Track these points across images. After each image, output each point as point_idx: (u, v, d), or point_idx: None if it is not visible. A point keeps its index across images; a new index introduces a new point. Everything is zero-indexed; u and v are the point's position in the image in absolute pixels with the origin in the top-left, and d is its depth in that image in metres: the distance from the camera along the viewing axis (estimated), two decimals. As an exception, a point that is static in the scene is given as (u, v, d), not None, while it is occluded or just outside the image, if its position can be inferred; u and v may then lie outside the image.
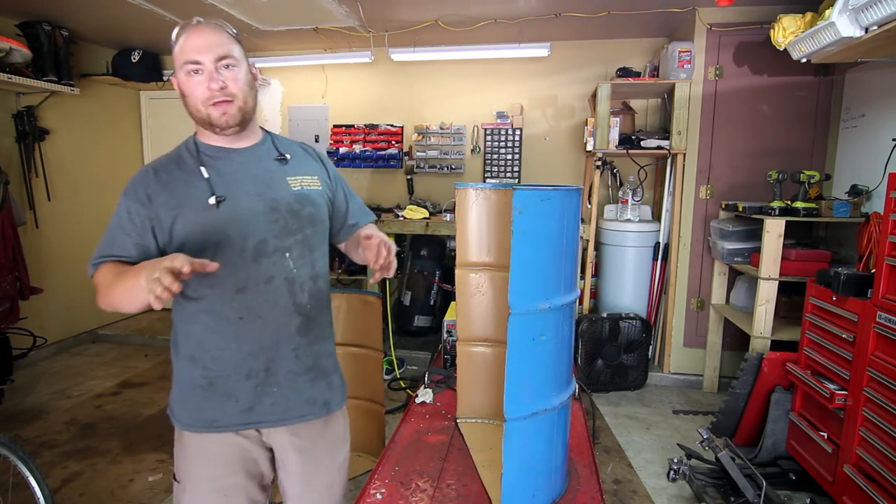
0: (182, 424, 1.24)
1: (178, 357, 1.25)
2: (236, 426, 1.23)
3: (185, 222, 1.16)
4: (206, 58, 1.14)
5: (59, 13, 3.70)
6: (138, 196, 1.17)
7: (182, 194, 1.18)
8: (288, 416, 1.26)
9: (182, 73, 1.16)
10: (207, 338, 1.21)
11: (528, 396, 1.40)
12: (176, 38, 1.17)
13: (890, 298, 1.93)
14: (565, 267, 1.46)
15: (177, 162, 1.22)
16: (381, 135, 4.54)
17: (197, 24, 1.17)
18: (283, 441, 1.29)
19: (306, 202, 1.27)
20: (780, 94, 3.46)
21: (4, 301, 3.38)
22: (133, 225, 1.17)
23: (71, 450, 2.80)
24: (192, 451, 1.24)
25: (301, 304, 1.25)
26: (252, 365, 1.21)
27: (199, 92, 1.15)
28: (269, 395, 1.23)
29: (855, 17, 2.24)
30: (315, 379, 1.29)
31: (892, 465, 1.84)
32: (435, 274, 4.24)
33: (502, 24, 3.79)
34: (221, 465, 1.24)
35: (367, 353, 2.50)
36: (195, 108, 1.18)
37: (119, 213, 1.19)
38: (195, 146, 1.24)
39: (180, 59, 1.15)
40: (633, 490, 2.47)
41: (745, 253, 3.24)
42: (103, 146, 4.68)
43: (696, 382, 3.71)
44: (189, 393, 1.23)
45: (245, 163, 1.24)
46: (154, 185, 1.18)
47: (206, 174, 1.19)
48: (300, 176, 1.29)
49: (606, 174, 4.18)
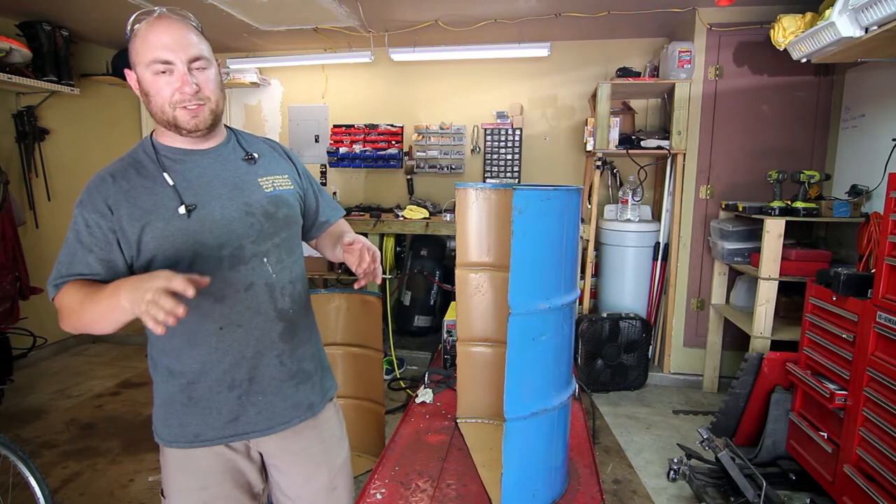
0: (165, 441, 1.19)
1: (157, 372, 1.19)
2: (221, 439, 1.18)
3: (154, 234, 1.08)
4: (177, 57, 1.05)
5: (59, 13, 3.70)
6: (96, 206, 1.08)
7: (146, 204, 1.09)
8: (274, 425, 1.21)
9: (147, 72, 1.06)
10: (186, 350, 1.14)
11: (528, 396, 1.40)
12: (134, 29, 1.07)
13: (890, 298, 1.93)
14: (565, 267, 1.46)
15: (135, 167, 1.12)
16: (381, 135, 4.54)
17: (161, 16, 1.07)
18: (274, 448, 1.25)
19: (281, 204, 1.21)
20: (780, 94, 3.46)
21: (4, 301, 3.38)
22: (94, 239, 1.08)
23: (71, 450, 2.80)
24: (175, 464, 1.19)
25: (283, 310, 1.21)
26: (234, 375, 1.16)
27: (167, 93, 1.06)
28: (254, 405, 1.18)
29: (855, 17, 2.24)
30: (300, 384, 1.25)
31: (892, 465, 1.84)
32: (435, 274, 4.24)
33: (502, 24, 3.79)
34: (207, 477, 1.19)
35: (367, 353, 2.50)
36: (160, 109, 1.08)
37: (76, 227, 1.09)
38: (153, 148, 1.14)
39: (145, 54, 1.05)
40: (633, 490, 2.47)
41: (745, 253, 3.24)
42: (103, 146, 4.68)
43: (696, 382, 3.71)
44: (169, 408, 1.17)
45: (212, 165, 1.16)
46: (113, 193, 1.09)
47: (171, 181, 1.11)
48: (271, 176, 1.23)
49: (606, 174, 4.18)
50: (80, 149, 4.44)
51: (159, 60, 1.05)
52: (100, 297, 0.99)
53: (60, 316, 1.07)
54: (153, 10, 1.07)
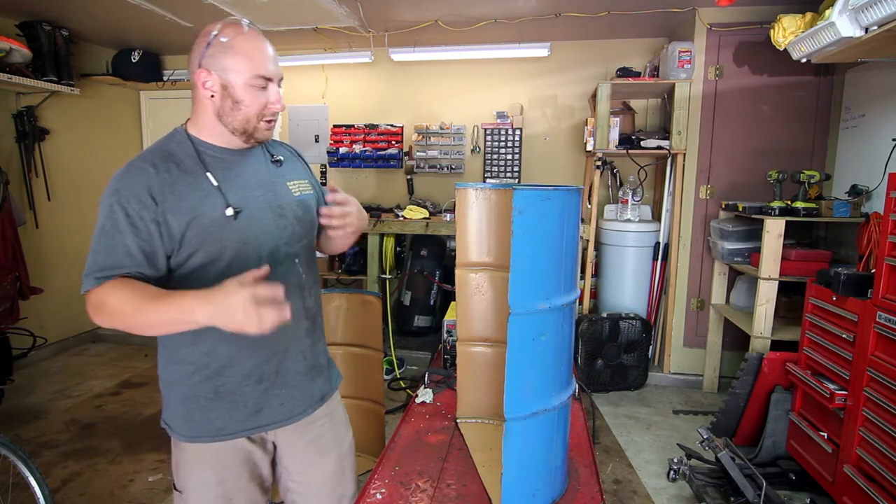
0: (186, 437, 1.20)
1: (175, 369, 1.19)
2: (244, 431, 1.22)
3: (199, 231, 1.09)
4: (276, 75, 1.14)
5: (59, 13, 3.70)
6: (138, 195, 1.05)
7: (191, 200, 1.09)
8: (293, 415, 1.27)
9: (245, 82, 1.10)
10: (219, 347, 1.16)
11: (528, 396, 1.40)
12: (224, 38, 1.09)
13: (890, 298, 1.93)
14: (565, 267, 1.46)
15: (173, 161, 1.12)
16: (381, 135, 4.54)
17: (253, 31, 1.12)
18: (290, 437, 1.30)
19: (307, 208, 1.28)
20: (780, 94, 3.46)
21: (4, 301, 3.38)
22: (135, 228, 1.05)
23: (71, 450, 2.80)
24: (194, 458, 1.21)
25: (309, 308, 1.28)
26: (264, 369, 1.21)
27: (258, 106, 1.13)
28: (276, 397, 1.24)
29: (855, 17, 2.24)
30: (315, 376, 1.32)
31: (892, 465, 1.84)
32: (435, 274, 4.24)
33: (502, 24, 3.78)
34: (226, 470, 1.22)
35: (367, 353, 2.50)
36: (245, 119, 1.13)
37: (114, 216, 1.05)
38: (192, 145, 1.15)
39: (250, 68, 1.10)
40: (633, 490, 2.47)
41: (745, 253, 3.24)
42: (103, 146, 4.68)
43: (696, 382, 3.71)
44: (193, 404, 1.19)
45: (248, 166, 1.21)
46: (157, 184, 1.07)
47: (215, 181, 1.13)
48: (296, 181, 1.29)
49: (606, 174, 4.18)
50: (80, 149, 4.45)
51: (262, 77, 1.11)
52: (162, 308, 0.99)
53: (98, 311, 1.03)
54: (240, 21, 1.12)
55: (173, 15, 3.65)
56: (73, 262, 4.38)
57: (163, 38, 4.31)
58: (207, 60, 1.10)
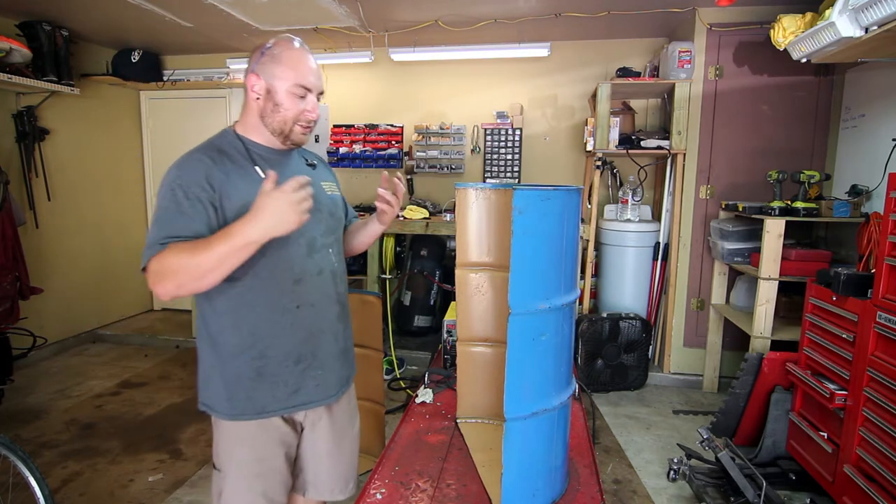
0: (229, 416, 1.29)
1: (219, 350, 1.27)
2: (283, 409, 1.31)
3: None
4: (316, 87, 1.30)
5: (59, 13, 3.70)
6: (198, 181, 1.17)
7: (244, 189, 1.21)
8: (327, 395, 1.38)
9: (286, 89, 1.25)
10: (263, 326, 1.27)
11: (528, 396, 1.40)
12: (281, 49, 1.26)
13: (890, 298, 1.93)
14: (565, 267, 1.46)
15: (226, 155, 1.25)
16: (381, 135, 4.54)
17: (303, 47, 1.30)
18: (319, 415, 1.42)
19: (336, 206, 1.45)
20: (780, 94, 3.46)
21: (4, 301, 3.38)
22: (194, 208, 1.16)
23: (71, 450, 2.80)
24: (236, 437, 1.31)
25: (340, 294, 1.42)
26: (302, 350, 1.31)
27: (295, 112, 1.28)
28: (312, 378, 1.34)
29: (855, 17, 2.24)
30: (345, 360, 1.45)
31: (892, 465, 1.84)
32: (435, 274, 4.24)
33: (502, 24, 3.79)
34: (265, 449, 1.32)
35: (367, 353, 2.50)
36: (283, 121, 1.27)
37: (175, 198, 1.16)
38: (241, 143, 1.29)
39: (293, 77, 1.25)
40: (633, 490, 2.47)
41: (745, 253, 3.24)
42: (103, 146, 4.69)
43: (696, 382, 3.71)
44: (237, 384, 1.27)
45: (289, 166, 1.35)
46: (215, 173, 1.20)
47: (262, 174, 1.25)
48: (327, 182, 1.46)
49: (606, 174, 4.18)
50: (80, 149, 4.44)
51: (303, 86, 1.28)
52: (217, 244, 1.09)
53: (161, 276, 1.09)
54: (292, 38, 1.30)
55: (173, 15, 3.65)
56: (73, 262, 4.38)
57: (163, 38, 4.31)
58: (259, 67, 1.27)
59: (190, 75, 4.76)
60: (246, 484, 1.31)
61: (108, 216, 4.76)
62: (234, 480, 1.31)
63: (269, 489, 1.33)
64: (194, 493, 2.44)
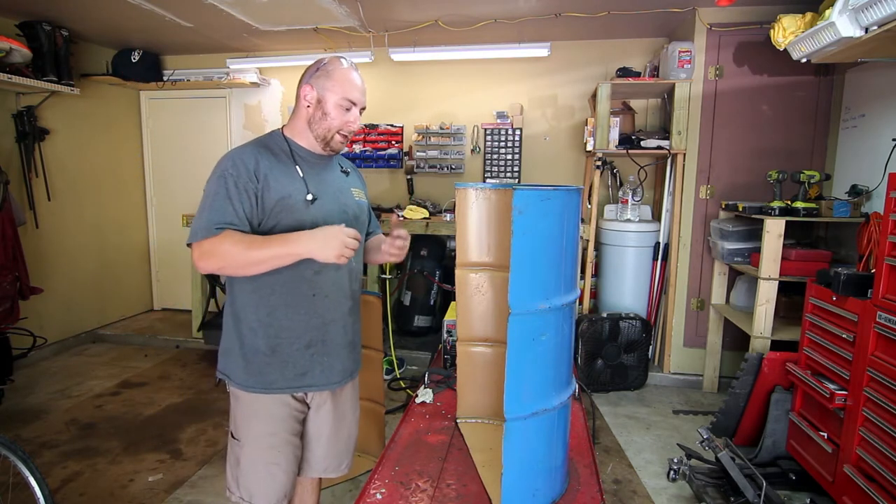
0: (242, 386, 1.44)
1: (240, 325, 1.44)
2: (289, 389, 1.45)
3: (285, 208, 1.38)
4: (360, 102, 1.46)
5: (59, 13, 3.70)
6: (248, 172, 1.34)
7: (285, 184, 1.39)
8: (331, 382, 1.52)
9: (336, 101, 1.43)
10: (281, 309, 1.42)
11: (528, 396, 1.40)
12: (334, 66, 1.44)
13: (890, 298, 1.93)
14: (565, 267, 1.46)
15: (272, 153, 1.42)
16: (381, 135, 4.54)
17: (351, 66, 1.46)
18: (322, 399, 1.56)
19: (361, 211, 1.58)
20: (780, 94, 3.46)
21: (4, 301, 3.38)
22: (241, 197, 1.33)
23: (71, 450, 2.80)
24: (251, 410, 1.46)
25: (353, 290, 1.56)
26: (313, 336, 1.45)
27: (339, 122, 1.44)
28: (319, 364, 1.48)
29: (855, 17, 2.24)
30: (351, 352, 1.58)
31: (892, 465, 1.84)
32: (435, 274, 4.24)
33: (502, 24, 3.79)
34: (277, 423, 1.46)
35: (367, 353, 2.49)
36: (327, 129, 1.44)
37: (226, 187, 1.32)
38: (287, 144, 1.46)
39: (341, 91, 1.42)
40: (633, 490, 2.47)
41: (745, 253, 3.24)
42: (103, 146, 4.68)
43: (696, 382, 3.71)
44: (253, 358, 1.43)
45: (326, 169, 1.52)
46: (261, 167, 1.36)
47: (301, 173, 1.43)
48: (356, 188, 1.60)
49: (606, 174, 4.18)
50: (80, 149, 4.44)
51: (350, 101, 1.44)
52: (268, 246, 1.30)
53: (209, 255, 1.30)
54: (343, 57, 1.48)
55: (173, 15, 3.65)
56: (73, 262, 4.38)
57: (163, 38, 4.31)
58: (313, 80, 1.45)
59: (190, 75, 4.75)
60: (261, 454, 1.46)
61: (108, 216, 4.76)
62: (250, 451, 1.47)
63: (282, 459, 1.48)
64: (194, 493, 2.44)
